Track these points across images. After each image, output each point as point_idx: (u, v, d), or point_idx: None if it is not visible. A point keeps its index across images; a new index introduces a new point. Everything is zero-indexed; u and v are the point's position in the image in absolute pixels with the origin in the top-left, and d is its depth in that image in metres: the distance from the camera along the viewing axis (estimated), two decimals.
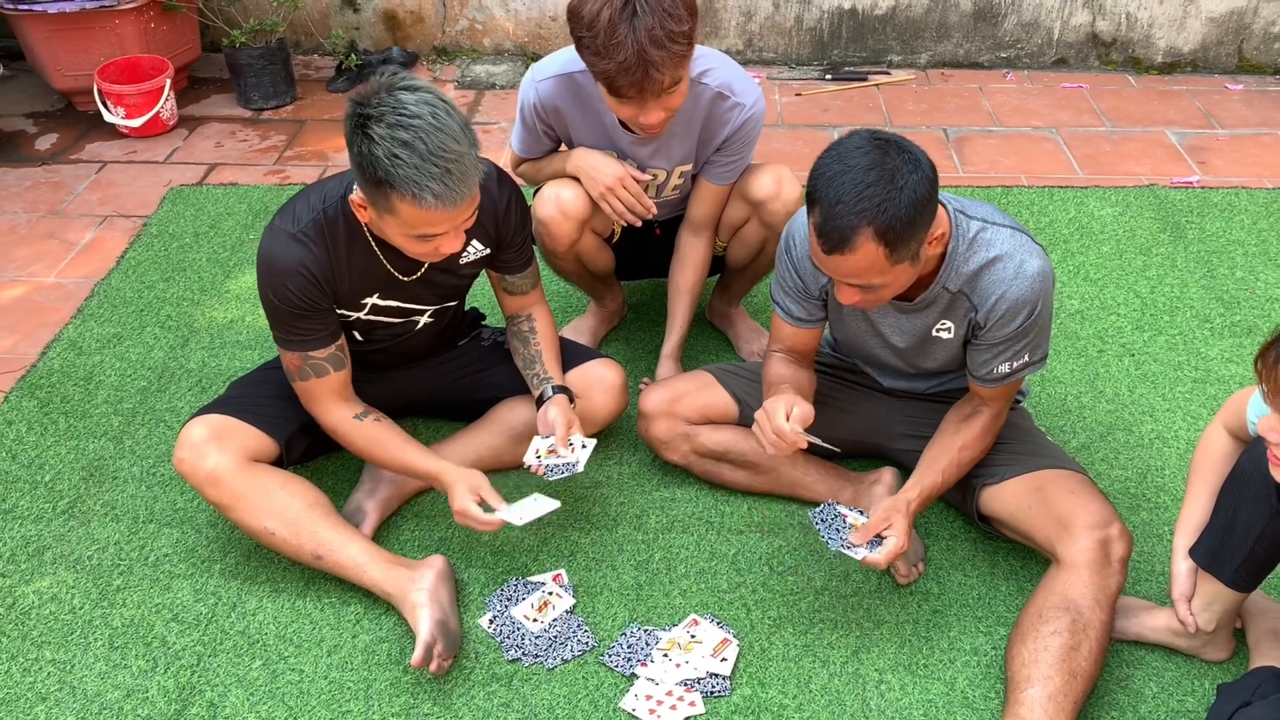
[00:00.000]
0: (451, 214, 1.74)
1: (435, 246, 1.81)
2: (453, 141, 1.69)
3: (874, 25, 4.17)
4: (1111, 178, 3.45)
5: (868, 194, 1.61)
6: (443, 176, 1.68)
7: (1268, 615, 1.92)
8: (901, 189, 1.62)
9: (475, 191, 1.76)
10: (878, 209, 1.61)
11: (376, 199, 1.74)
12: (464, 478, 1.97)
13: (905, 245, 1.66)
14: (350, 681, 1.91)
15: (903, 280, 1.76)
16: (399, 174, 1.67)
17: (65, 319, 2.85)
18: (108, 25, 3.71)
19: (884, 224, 1.62)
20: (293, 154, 3.66)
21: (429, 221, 1.74)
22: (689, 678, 1.89)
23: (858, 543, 1.86)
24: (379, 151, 1.67)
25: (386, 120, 1.67)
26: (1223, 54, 4.14)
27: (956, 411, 2.03)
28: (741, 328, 2.70)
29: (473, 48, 4.32)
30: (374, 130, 1.67)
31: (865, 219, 1.62)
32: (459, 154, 1.69)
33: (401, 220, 1.75)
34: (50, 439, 2.45)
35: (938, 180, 1.69)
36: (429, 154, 1.66)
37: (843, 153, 1.66)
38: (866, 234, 1.63)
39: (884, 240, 1.63)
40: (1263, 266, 2.98)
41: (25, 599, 2.07)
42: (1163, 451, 2.38)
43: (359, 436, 2.04)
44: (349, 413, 2.04)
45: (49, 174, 3.55)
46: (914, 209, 1.63)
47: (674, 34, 1.93)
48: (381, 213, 1.77)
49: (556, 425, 2.04)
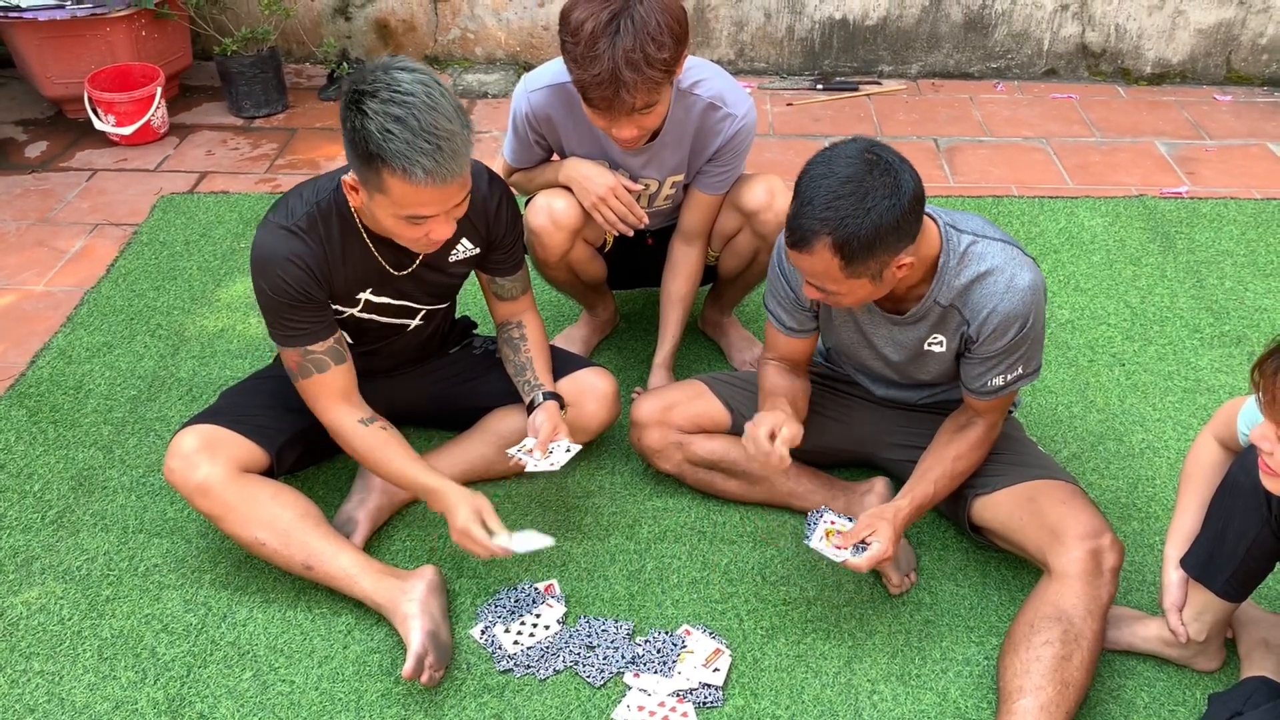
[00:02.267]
0: (442, 193, 1.74)
1: (426, 231, 1.81)
2: (445, 120, 1.69)
3: (865, 36, 4.19)
4: (1101, 188, 3.47)
5: (835, 205, 1.65)
6: (434, 153, 1.68)
7: (1259, 625, 1.92)
8: (868, 210, 1.64)
9: (466, 174, 1.77)
10: (840, 222, 1.65)
11: (368, 176, 1.74)
12: (467, 499, 1.95)
13: (862, 263, 1.69)
14: (341, 693, 1.90)
15: (861, 294, 1.78)
16: (390, 148, 1.67)
17: (55, 327, 2.83)
18: (99, 33, 3.70)
19: (841, 238, 1.66)
20: (284, 162, 3.65)
21: (419, 200, 1.74)
22: (682, 688, 1.88)
23: (842, 546, 1.86)
24: (371, 126, 1.67)
25: (380, 96, 1.68)
26: (1211, 65, 4.16)
27: (951, 422, 2.03)
28: (734, 337, 2.70)
29: (465, 57, 4.32)
30: (368, 105, 1.68)
31: (826, 228, 1.66)
32: (451, 132, 1.70)
33: (392, 199, 1.75)
34: (39, 448, 2.44)
35: (919, 209, 1.71)
36: (421, 130, 1.67)
37: (832, 157, 1.70)
38: (825, 241, 1.67)
39: (840, 253, 1.67)
40: (1252, 277, 3.00)
41: (13, 610, 2.06)
42: (1153, 461, 2.39)
43: (360, 441, 2.02)
44: (354, 416, 2.02)
45: (39, 182, 3.54)
46: (875, 232, 1.65)
47: (651, 59, 1.94)
48: (372, 192, 1.77)
49: (540, 430, 2.04)
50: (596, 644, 1.97)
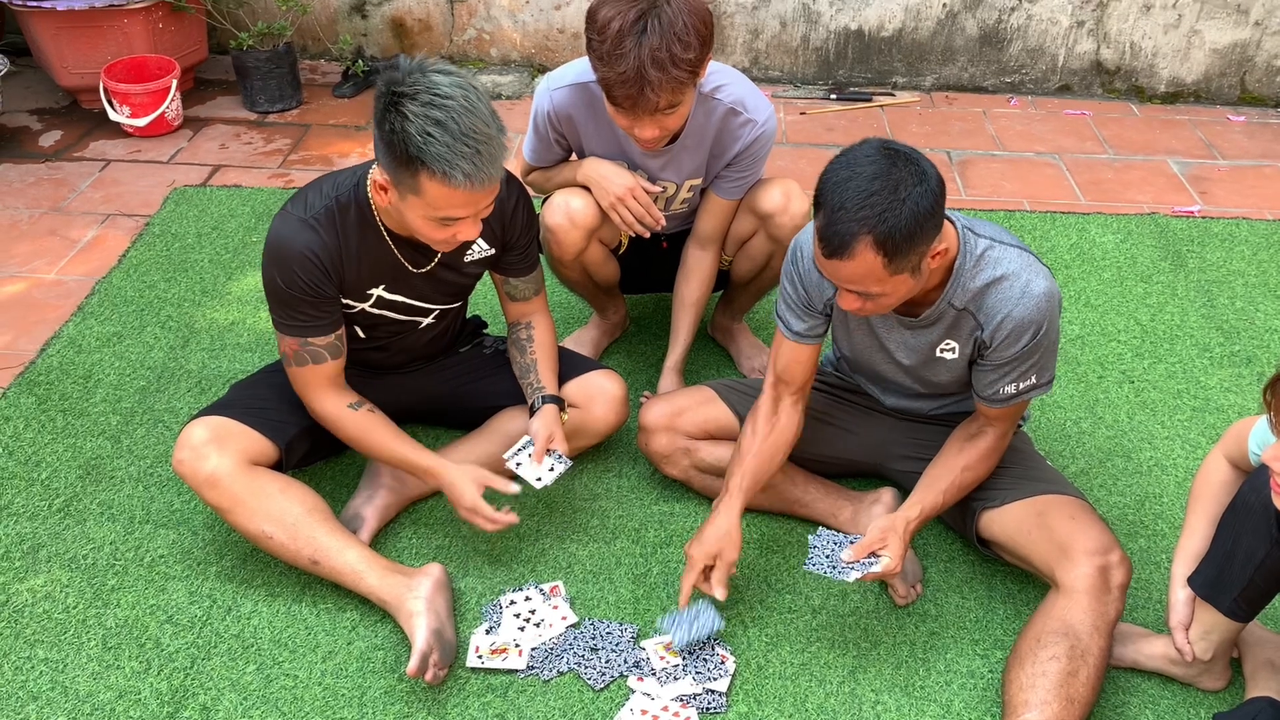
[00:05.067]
0: (476, 196, 1.75)
1: (454, 232, 1.82)
2: (483, 124, 1.71)
3: (880, 47, 4.19)
4: (1113, 205, 3.47)
5: (870, 202, 1.62)
6: (473, 157, 1.69)
7: (1265, 645, 1.92)
8: (904, 200, 1.63)
9: (500, 176, 1.78)
10: (879, 218, 1.62)
11: (403, 178, 1.74)
12: (466, 474, 1.98)
13: (904, 256, 1.67)
14: (344, 688, 1.90)
15: (902, 291, 1.76)
16: (431, 151, 1.68)
17: (65, 316, 2.84)
18: (116, 24, 3.71)
19: (884, 233, 1.63)
20: (297, 158, 3.66)
21: (454, 203, 1.75)
22: (685, 694, 1.88)
23: (851, 559, 1.86)
24: (412, 129, 1.68)
25: (420, 99, 1.68)
26: (1225, 85, 4.17)
27: (962, 431, 2.03)
28: (743, 343, 2.70)
29: (480, 57, 4.33)
30: (407, 108, 1.68)
31: (865, 227, 1.63)
32: (489, 136, 1.71)
33: (426, 201, 1.76)
34: (47, 437, 2.44)
35: (944, 194, 1.70)
36: (461, 134, 1.68)
37: (851, 160, 1.67)
38: (866, 242, 1.64)
39: (883, 249, 1.64)
40: (1263, 297, 3.00)
41: (19, 597, 2.06)
42: (1161, 479, 2.38)
43: (351, 425, 2.04)
44: (342, 401, 2.04)
45: (52, 171, 3.55)
46: (915, 221, 1.64)
47: (678, 59, 1.94)
48: (405, 193, 1.77)
49: (536, 438, 2.04)
50: (600, 646, 1.96)
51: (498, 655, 1.94)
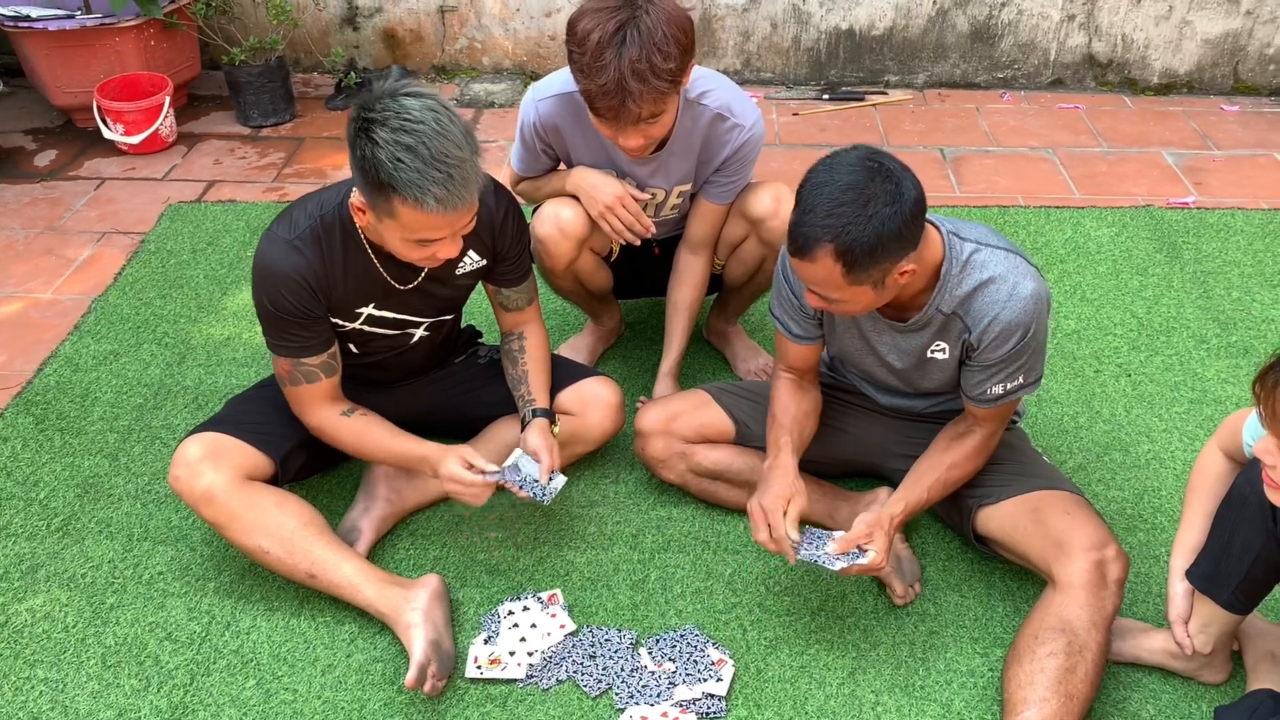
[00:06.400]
0: (451, 219, 1.75)
1: (433, 252, 1.82)
2: (455, 147, 1.70)
3: (871, 45, 4.19)
4: (1108, 198, 3.46)
5: (837, 212, 1.64)
6: (445, 181, 1.69)
7: (1265, 637, 1.91)
8: (870, 218, 1.64)
9: (475, 198, 1.78)
10: (842, 229, 1.64)
11: (377, 202, 1.75)
12: (451, 449, 1.99)
13: (864, 270, 1.68)
14: (344, 702, 1.90)
15: (864, 301, 1.77)
16: (401, 178, 1.68)
17: (62, 335, 2.84)
18: (108, 42, 3.72)
19: (845, 245, 1.65)
20: (291, 171, 3.67)
21: (429, 226, 1.75)
22: (685, 698, 1.88)
23: (836, 553, 1.86)
24: (382, 155, 1.68)
25: (390, 125, 1.68)
26: (1218, 75, 4.16)
27: (950, 429, 2.03)
28: (739, 346, 2.70)
29: (472, 66, 4.34)
30: (377, 134, 1.68)
31: (829, 235, 1.65)
32: (460, 160, 1.71)
33: (401, 224, 1.76)
34: (45, 456, 2.44)
35: (920, 217, 1.71)
36: (432, 159, 1.68)
37: (833, 165, 1.69)
38: (827, 249, 1.66)
39: (842, 260, 1.66)
40: (1259, 287, 2.99)
41: (18, 617, 2.06)
42: (1159, 472, 2.38)
43: (346, 432, 2.05)
44: (335, 411, 2.05)
45: (47, 190, 3.56)
46: (877, 240, 1.65)
47: (658, 70, 1.94)
48: (381, 216, 1.77)
49: (540, 455, 2.04)
50: (598, 654, 1.96)
51: (496, 665, 1.94)
